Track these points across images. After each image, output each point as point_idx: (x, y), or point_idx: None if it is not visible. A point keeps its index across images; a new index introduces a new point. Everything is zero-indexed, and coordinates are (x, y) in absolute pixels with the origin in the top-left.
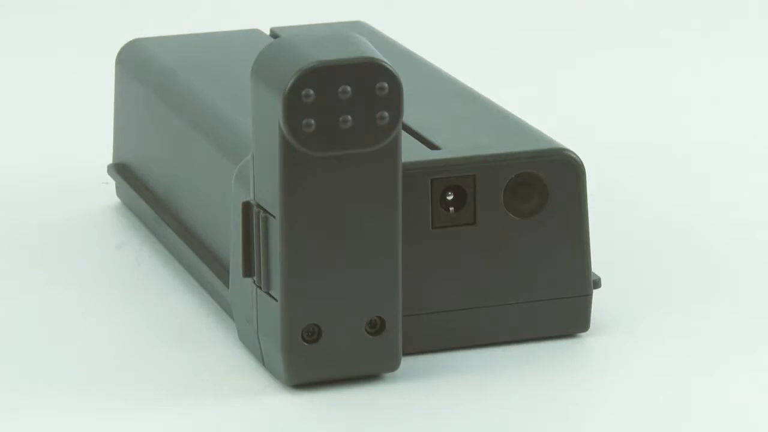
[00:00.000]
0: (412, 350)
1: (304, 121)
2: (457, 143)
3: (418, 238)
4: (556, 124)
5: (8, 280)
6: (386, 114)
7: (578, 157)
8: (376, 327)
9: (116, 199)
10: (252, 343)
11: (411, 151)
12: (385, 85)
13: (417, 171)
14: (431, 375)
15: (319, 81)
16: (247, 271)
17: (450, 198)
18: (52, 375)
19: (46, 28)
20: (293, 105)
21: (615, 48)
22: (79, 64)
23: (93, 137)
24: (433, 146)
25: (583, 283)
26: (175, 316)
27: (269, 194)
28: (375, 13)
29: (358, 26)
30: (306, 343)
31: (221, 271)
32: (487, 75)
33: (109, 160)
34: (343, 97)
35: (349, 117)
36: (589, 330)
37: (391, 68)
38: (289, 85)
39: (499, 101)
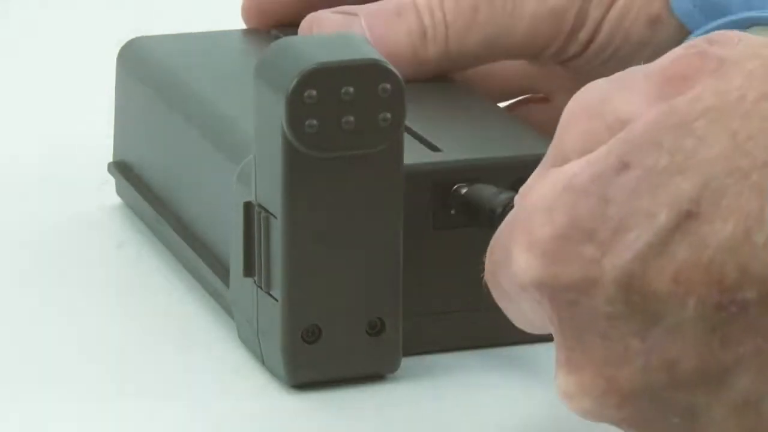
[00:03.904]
0: (412, 351)
1: (307, 122)
2: (458, 145)
3: (419, 239)
4: None
5: (8, 280)
6: (389, 115)
7: None
8: (377, 328)
9: (116, 198)
10: (252, 343)
11: (412, 153)
12: (388, 86)
13: (418, 172)
14: (431, 376)
15: (321, 82)
16: (248, 271)
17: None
18: (52, 374)
19: (47, 26)
20: (296, 106)
21: None
22: (80, 63)
23: (93, 136)
24: (434, 148)
25: None
26: (175, 316)
27: (271, 195)
28: None
29: None
30: (306, 344)
31: (221, 270)
32: None
33: (110, 158)
34: (345, 98)
35: (352, 118)
36: None
37: (393, 70)
38: (291, 86)
39: (509, 102)
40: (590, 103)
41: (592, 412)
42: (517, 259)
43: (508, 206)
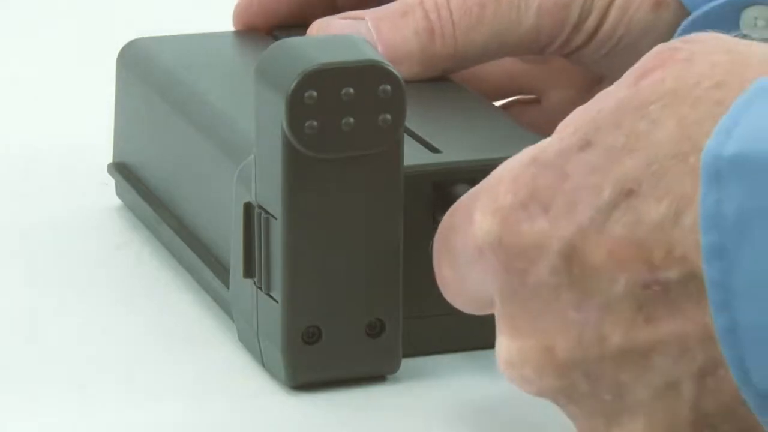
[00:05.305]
0: (412, 352)
1: (307, 123)
2: (458, 146)
3: (418, 240)
4: None
5: (7, 281)
6: (388, 116)
7: None
8: (376, 329)
9: (116, 199)
10: (252, 344)
11: (412, 154)
12: (388, 87)
13: (418, 174)
14: (431, 377)
15: (321, 83)
16: (248, 272)
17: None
18: (51, 375)
19: (47, 27)
20: (296, 107)
21: None
22: (80, 63)
23: (93, 137)
24: (433, 149)
25: None
26: (175, 317)
27: (271, 195)
28: None
29: None
30: (306, 345)
31: (221, 271)
32: None
33: (110, 159)
34: (345, 99)
35: (352, 119)
36: None
37: (393, 71)
38: (292, 87)
39: (500, 102)
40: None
41: (530, 381)
42: (479, 221)
43: None
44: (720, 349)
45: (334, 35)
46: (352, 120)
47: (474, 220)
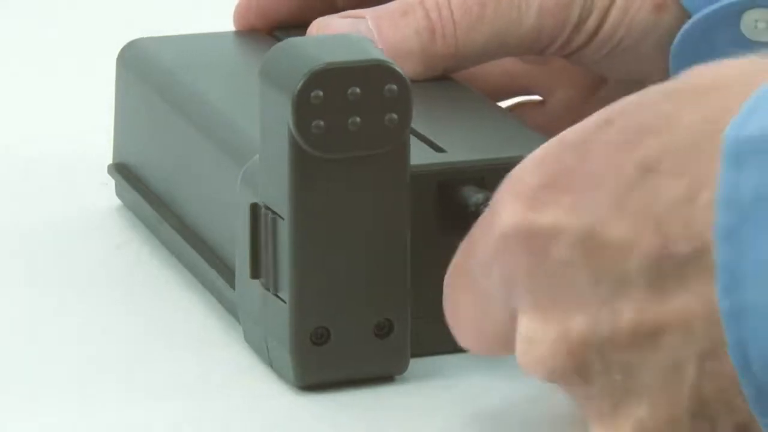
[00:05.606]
0: (420, 352)
1: (313, 123)
2: (462, 146)
3: (425, 240)
4: None
5: (7, 281)
6: (395, 116)
7: None
8: (384, 329)
9: (116, 199)
10: (259, 344)
11: (417, 154)
12: (394, 87)
13: (423, 173)
14: (440, 377)
15: (328, 82)
16: (255, 273)
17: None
18: (52, 376)
19: (47, 27)
20: (302, 106)
21: None
22: (80, 64)
23: (93, 137)
24: (438, 149)
25: None
26: (179, 317)
27: (277, 196)
28: None
29: None
30: (314, 346)
31: (224, 271)
32: None
33: (110, 160)
34: (351, 99)
35: (358, 119)
36: None
37: (399, 70)
38: (298, 87)
39: (504, 104)
40: None
41: (544, 361)
42: (504, 204)
43: (483, 205)
44: (723, 334)
45: (339, 35)
46: (358, 120)
47: (498, 209)
